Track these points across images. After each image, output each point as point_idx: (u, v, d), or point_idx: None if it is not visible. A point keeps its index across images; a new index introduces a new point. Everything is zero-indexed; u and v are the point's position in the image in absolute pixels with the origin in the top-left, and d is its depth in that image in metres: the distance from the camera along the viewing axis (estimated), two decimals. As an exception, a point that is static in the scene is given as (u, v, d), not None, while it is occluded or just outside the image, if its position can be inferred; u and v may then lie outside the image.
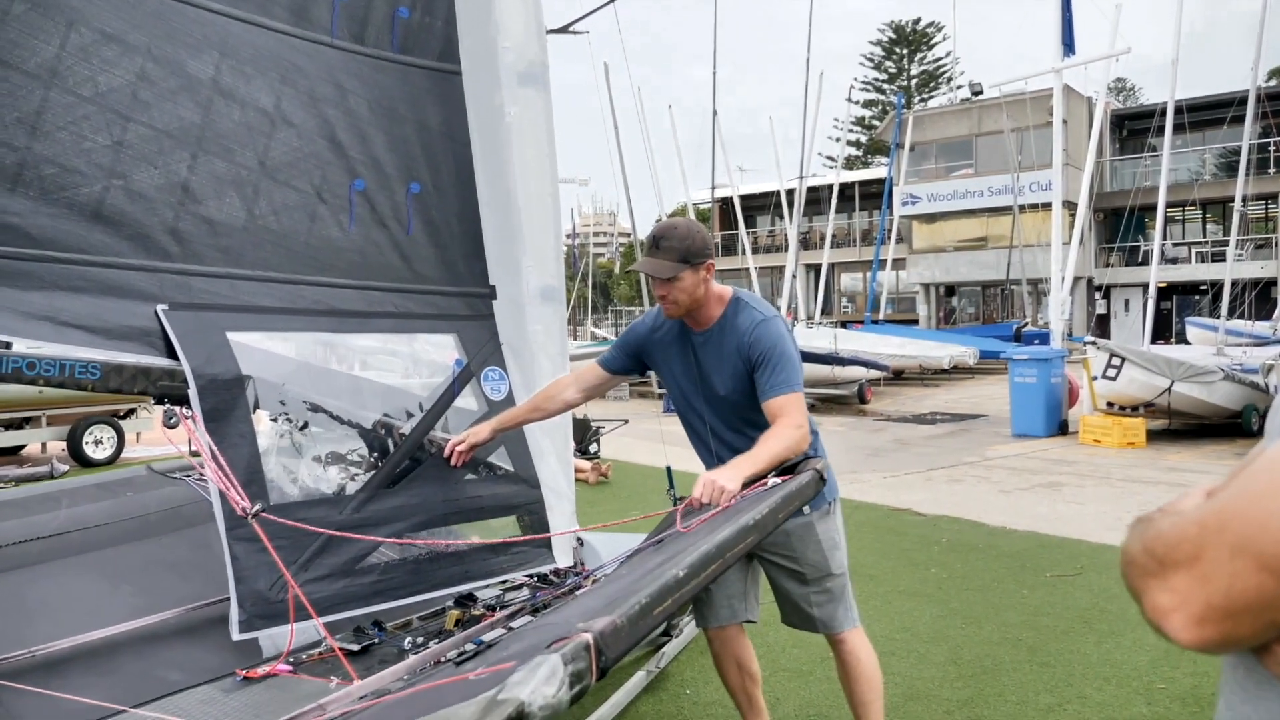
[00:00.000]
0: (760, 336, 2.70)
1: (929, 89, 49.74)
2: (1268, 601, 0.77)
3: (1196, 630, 0.81)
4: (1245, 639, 0.81)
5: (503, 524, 3.44)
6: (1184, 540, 0.83)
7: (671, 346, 2.91)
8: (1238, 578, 0.78)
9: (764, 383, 2.67)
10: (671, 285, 2.69)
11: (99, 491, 3.21)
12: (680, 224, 2.78)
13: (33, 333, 2.66)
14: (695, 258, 2.69)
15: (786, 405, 2.63)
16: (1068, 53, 12.24)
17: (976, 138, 30.24)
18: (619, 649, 1.28)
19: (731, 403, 2.78)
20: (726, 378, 2.76)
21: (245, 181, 3.08)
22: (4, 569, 2.67)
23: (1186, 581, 0.82)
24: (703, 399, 2.85)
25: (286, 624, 2.67)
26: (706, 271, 2.73)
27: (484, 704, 1.12)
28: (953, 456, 10.29)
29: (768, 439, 2.59)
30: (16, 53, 2.64)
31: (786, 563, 2.86)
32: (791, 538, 2.82)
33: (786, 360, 2.68)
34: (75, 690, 2.22)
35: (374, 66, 3.25)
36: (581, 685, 1.19)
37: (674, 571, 1.48)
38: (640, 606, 1.35)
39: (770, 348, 2.68)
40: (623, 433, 10.58)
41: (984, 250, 30.58)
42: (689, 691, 3.77)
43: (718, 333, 2.79)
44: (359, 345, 3.49)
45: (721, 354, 2.77)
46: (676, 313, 2.77)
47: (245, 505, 2.63)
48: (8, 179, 2.64)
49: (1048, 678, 3.81)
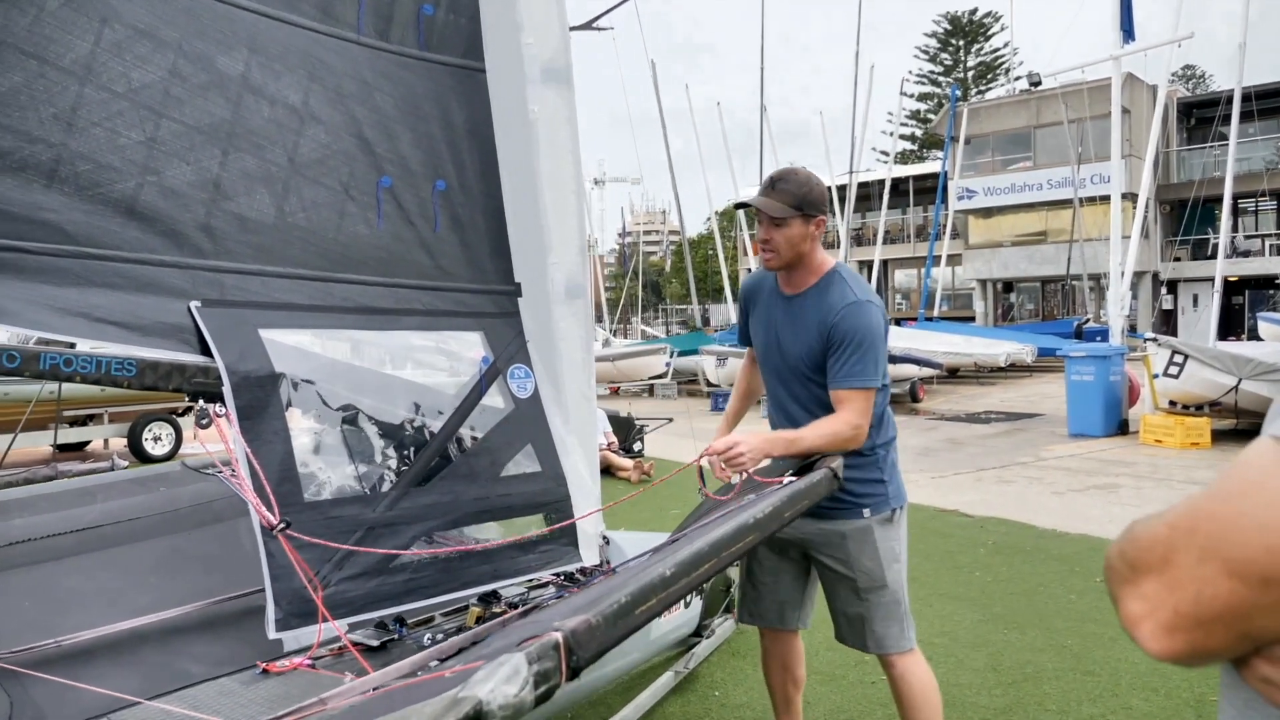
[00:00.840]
0: (847, 317, 2.53)
1: (986, 81, 48.79)
2: (1238, 610, 0.71)
3: (1166, 640, 0.76)
4: (1217, 651, 0.76)
5: (526, 523, 3.43)
6: (1155, 544, 0.78)
7: (763, 299, 2.79)
8: (1206, 584, 0.72)
9: (835, 369, 2.53)
10: (777, 230, 2.55)
11: (133, 486, 3.26)
12: (801, 170, 2.65)
13: (68, 329, 2.71)
14: (810, 208, 2.55)
15: (850, 400, 2.50)
16: (1127, 39, 11.87)
17: (1035, 129, 29.57)
18: (594, 648, 1.24)
19: (800, 375, 2.65)
20: (800, 348, 2.63)
21: (275, 178, 3.10)
22: (37, 561, 2.73)
23: (1156, 588, 0.77)
24: (775, 364, 2.74)
25: (325, 621, 2.69)
26: (816, 228, 2.58)
27: (445, 703, 1.09)
28: (1005, 457, 10.05)
29: (817, 424, 2.51)
30: (52, 49, 2.69)
31: (839, 567, 2.70)
32: (847, 540, 2.66)
33: (867, 351, 2.51)
34: (97, 680, 2.25)
35: (400, 64, 3.26)
36: (548, 685, 1.15)
37: (660, 570, 1.43)
38: (619, 605, 1.31)
39: (852, 332, 2.51)
40: (667, 431, 10.55)
41: (1043, 245, 29.89)
42: (717, 693, 3.72)
43: (805, 300, 2.64)
44: (388, 342, 3.50)
45: (803, 322, 2.62)
46: (775, 263, 2.62)
47: (270, 520, 2.64)
48: (43, 175, 2.68)
49: (1092, 686, 3.68)
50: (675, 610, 3.72)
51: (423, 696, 1.25)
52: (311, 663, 2.65)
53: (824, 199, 2.59)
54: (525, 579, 3.34)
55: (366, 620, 2.89)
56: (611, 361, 19.20)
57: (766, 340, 2.75)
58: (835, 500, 2.55)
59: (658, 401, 17.88)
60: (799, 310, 2.64)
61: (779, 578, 2.84)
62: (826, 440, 2.47)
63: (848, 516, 2.66)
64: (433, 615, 3.09)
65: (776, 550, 2.82)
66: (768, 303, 2.75)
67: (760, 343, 2.79)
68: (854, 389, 2.50)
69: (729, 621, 4.35)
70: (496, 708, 1.10)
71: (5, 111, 2.51)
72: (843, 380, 2.51)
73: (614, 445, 9.87)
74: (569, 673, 1.20)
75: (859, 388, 2.50)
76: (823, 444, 2.47)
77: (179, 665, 2.47)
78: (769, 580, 2.86)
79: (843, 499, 2.61)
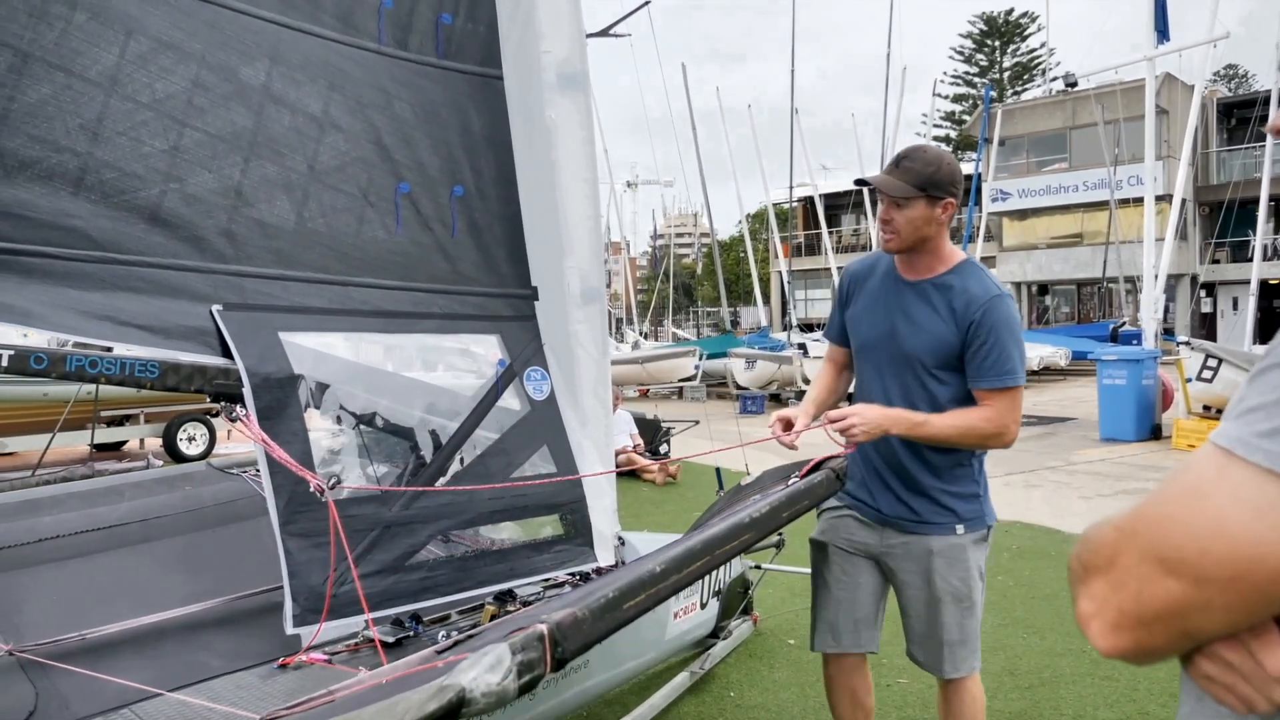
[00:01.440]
0: (994, 310, 2.33)
1: (1023, 81, 48.27)
2: (1176, 609, 0.74)
3: (1113, 637, 0.79)
4: (1161, 648, 0.79)
5: (541, 523, 3.48)
6: (1103, 546, 0.81)
7: (874, 285, 2.56)
8: (1146, 584, 0.76)
9: (981, 364, 2.33)
10: (898, 211, 2.35)
11: (160, 485, 3.36)
12: (931, 148, 2.45)
13: (95, 331, 2.79)
14: (936, 189, 2.34)
15: (999, 399, 2.32)
16: (1161, 40, 11.71)
17: (1070, 130, 29.20)
18: (580, 640, 1.28)
19: (915, 367, 2.42)
20: (925, 335, 2.40)
21: (295, 185, 3.17)
22: (65, 557, 2.81)
23: (1103, 587, 0.80)
24: (885, 354, 2.49)
25: (339, 618, 2.75)
26: (943, 211, 2.37)
27: (431, 690, 1.14)
28: (1034, 461, 9.96)
29: (954, 413, 2.32)
30: (79, 61, 2.77)
31: (925, 585, 2.50)
32: (935, 557, 2.47)
33: (1015, 347, 2.35)
34: (120, 672, 2.32)
35: (418, 72, 3.32)
36: (532, 675, 1.19)
37: (649, 566, 1.46)
38: (606, 600, 1.34)
39: (1001, 327, 2.33)
40: (694, 433, 10.57)
41: (1079, 247, 29.51)
42: (733, 694, 3.74)
43: (934, 288, 2.42)
44: (406, 345, 3.56)
45: (930, 309, 2.40)
46: (895, 245, 2.41)
47: (320, 483, 2.67)
48: (70, 183, 2.77)
49: (1109, 691, 3.66)
50: (692, 611, 3.75)
51: (415, 686, 1.29)
52: (328, 658, 2.71)
53: (954, 180, 2.38)
54: (540, 578, 3.39)
55: (383, 617, 2.95)
56: (641, 364, 19.25)
57: (877, 328, 2.51)
58: (927, 512, 2.45)
59: (686, 404, 17.89)
60: (927, 296, 2.42)
61: (856, 594, 2.63)
62: (960, 432, 2.29)
63: (940, 532, 2.47)
64: (449, 613, 3.15)
65: (851, 564, 2.64)
66: (882, 288, 2.52)
67: (868, 331, 2.55)
68: (1005, 387, 2.33)
69: (747, 623, 4.37)
70: (479, 695, 1.14)
71: (34, 122, 2.60)
72: (992, 377, 2.32)
73: (640, 447, 9.91)
74: (553, 663, 1.24)
75: (1011, 385, 2.33)
76: (954, 436, 2.30)
77: (199, 659, 2.54)
78: (846, 596, 2.63)
79: (935, 511, 2.46)
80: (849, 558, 2.62)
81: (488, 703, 1.14)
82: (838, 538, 2.63)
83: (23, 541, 2.82)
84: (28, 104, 2.58)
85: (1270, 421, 0.72)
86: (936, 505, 2.45)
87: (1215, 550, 0.71)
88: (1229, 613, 0.73)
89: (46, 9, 2.62)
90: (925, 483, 2.45)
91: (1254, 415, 0.73)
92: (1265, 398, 0.73)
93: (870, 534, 2.57)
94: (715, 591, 3.92)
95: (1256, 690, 0.76)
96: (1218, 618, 0.73)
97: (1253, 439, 0.72)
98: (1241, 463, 0.71)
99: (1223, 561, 0.70)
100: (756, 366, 17.61)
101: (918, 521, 2.47)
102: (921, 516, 2.46)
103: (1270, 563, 0.69)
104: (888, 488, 2.51)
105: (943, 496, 2.45)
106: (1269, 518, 0.69)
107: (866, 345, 2.55)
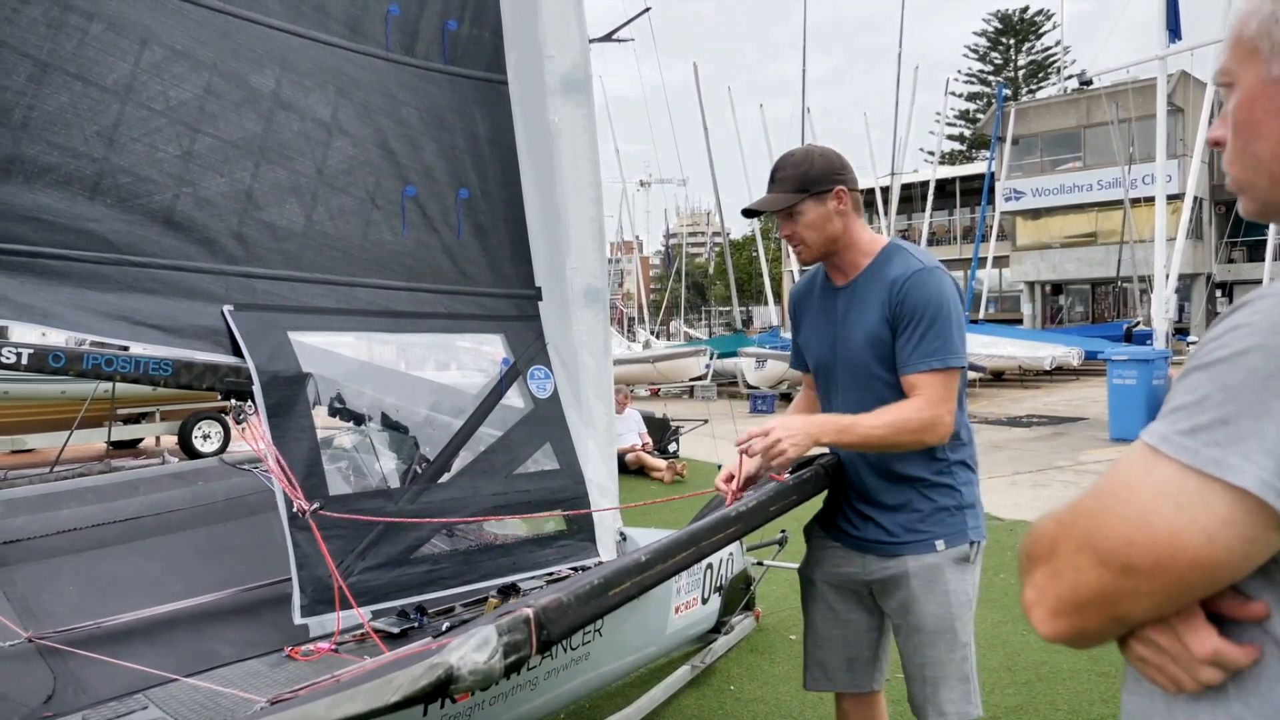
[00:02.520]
0: (914, 288, 2.09)
1: (1037, 80, 48.06)
2: (1106, 596, 0.80)
3: (1052, 623, 0.86)
4: (1096, 632, 0.85)
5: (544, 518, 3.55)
6: (1044, 537, 0.87)
7: (813, 299, 2.39)
8: (1081, 573, 0.82)
9: (906, 350, 2.09)
10: (794, 222, 2.21)
11: (173, 480, 3.45)
12: (798, 150, 2.28)
13: (111, 331, 2.88)
14: (816, 185, 2.18)
15: (925, 384, 2.05)
16: (1173, 39, 11.69)
17: (1085, 129, 29.08)
18: (564, 624, 1.35)
19: (861, 375, 2.20)
20: (860, 337, 2.19)
21: (304, 189, 3.26)
22: (82, 549, 2.91)
23: (1043, 577, 0.86)
24: (832, 371, 2.29)
25: (347, 609, 2.84)
26: (837, 201, 2.19)
27: (422, 668, 1.21)
28: (1043, 460, 9.97)
29: (880, 410, 2.08)
30: (95, 70, 2.86)
31: (902, 613, 2.24)
32: (913, 581, 2.18)
33: (942, 324, 2.07)
34: (135, 658, 2.42)
35: (424, 77, 3.40)
36: (518, 655, 1.26)
37: (635, 556, 1.53)
38: (591, 586, 1.41)
39: (923, 304, 2.08)
40: (702, 433, 10.62)
41: (1093, 246, 29.39)
42: (733, 688, 3.81)
43: (862, 284, 2.22)
44: (412, 344, 3.64)
45: (863, 307, 2.20)
46: (809, 256, 2.26)
47: (303, 505, 2.79)
48: (87, 188, 2.86)
49: (1104, 687, 3.70)
50: (694, 606, 3.82)
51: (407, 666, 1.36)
52: (334, 648, 2.79)
53: (833, 168, 2.21)
54: (543, 572, 3.46)
55: (389, 608, 3.04)
56: (651, 363, 19.31)
57: (823, 344, 2.31)
58: (901, 530, 2.20)
59: (697, 403, 17.94)
60: (860, 296, 2.22)
61: (846, 630, 2.37)
62: (892, 429, 2.05)
63: (915, 550, 2.19)
64: (453, 605, 3.23)
65: (840, 599, 2.38)
66: (821, 303, 2.34)
67: (816, 350, 2.34)
68: (931, 371, 2.05)
69: (748, 619, 4.44)
70: (467, 673, 1.21)
71: (52, 129, 2.69)
72: (916, 361, 2.07)
73: (648, 446, 9.98)
74: (539, 645, 1.31)
75: (937, 369, 2.05)
76: (886, 433, 2.05)
77: (210, 647, 2.63)
78: (836, 634, 2.38)
79: (910, 529, 2.20)
80: (836, 592, 2.37)
81: (474, 680, 1.21)
82: (822, 571, 2.39)
83: (42, 534, 2.92)
84: (47, 112, 2.67)
85: (1190, 420, 0.78)
86: (911, 521, 2.20)
87: (1140, 541, 0.77)
88: (1154, 598, 0.79)
89: (65, 20, 2.71)
90: (896, 497, 2.21)
91: (1177, 415, 0.80)
92: (1187, 398, 0.79)
93: (854, 564, 2.31)
94: (717, 587, 3.99)
95: (1184, 670, 0.82)
96: (1144, 603, 0.80)
97: (1175, 436, 0.78)
98: (1165, 459, 0.78)
99: (1146, 551, 0.77)
100: (767, 366, 17.64)
101: (893, 542, 2.21)
102: (896, 536, 2.21)
103: (1189, 552, 0.75)
104: (858, 510, 2.28)
105: (917, 511, 2.19)
106: (1188, 511, 0.75)
107: (819, 365, 2.35)
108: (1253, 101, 0.88)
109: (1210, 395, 0.76)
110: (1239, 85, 0.89)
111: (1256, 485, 0.72)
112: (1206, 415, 0.76)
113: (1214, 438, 0.75)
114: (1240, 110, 0.89)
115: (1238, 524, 0.73)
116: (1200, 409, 0.77)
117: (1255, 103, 0.88)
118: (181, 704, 2.32)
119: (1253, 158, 0.89)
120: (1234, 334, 0.77)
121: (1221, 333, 0.79)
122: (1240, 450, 0.73)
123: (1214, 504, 0.74)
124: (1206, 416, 0.76)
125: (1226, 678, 0.80)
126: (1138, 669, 0.87)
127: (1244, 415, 0.74)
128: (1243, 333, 0.76)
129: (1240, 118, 0.90)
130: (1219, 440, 0.74)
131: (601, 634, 3.05)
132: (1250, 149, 0.89)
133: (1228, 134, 0.92)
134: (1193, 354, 0.84)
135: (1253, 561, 0.76)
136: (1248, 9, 0.89)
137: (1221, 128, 0.93)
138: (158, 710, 2.29)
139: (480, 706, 2.53)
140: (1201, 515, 0.74)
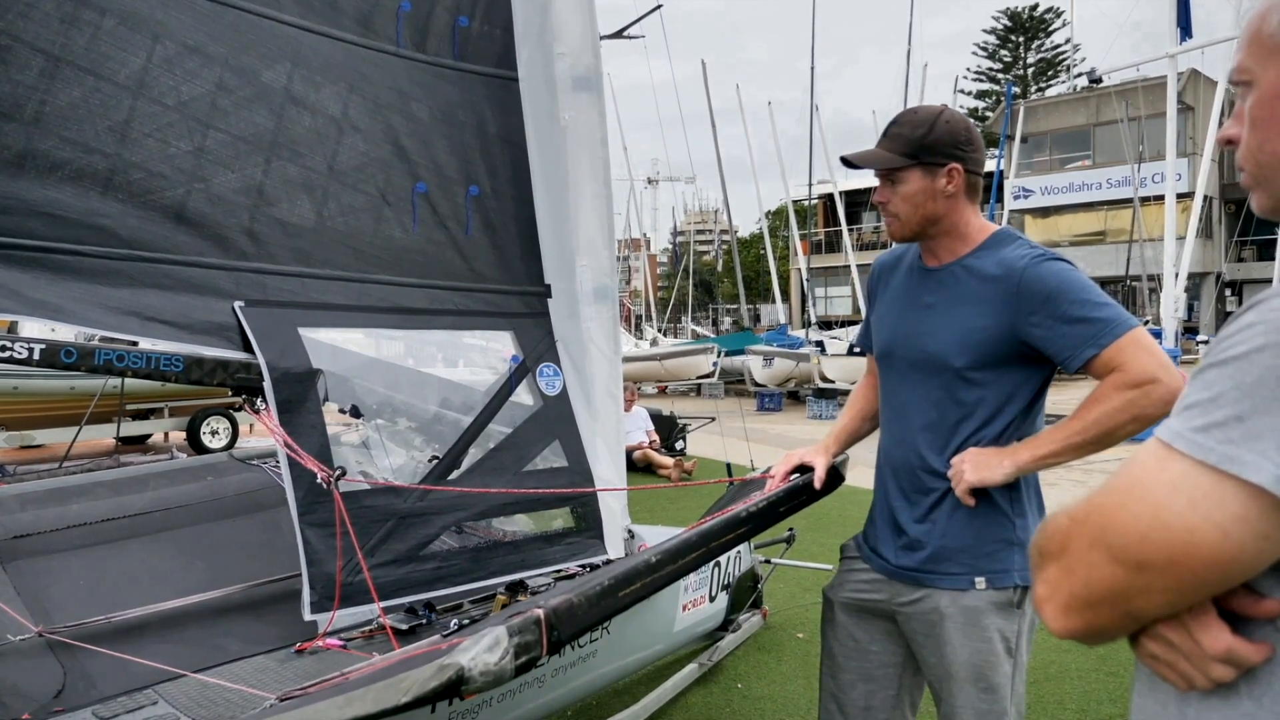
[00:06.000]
0: (1043, 274, 1.81)
1: (1047, 78, 47.88)
2: (1120, 592, 0.80)
3: (1064, 619, 0.85)
4: (1108, 629, 0.85)
5: (553, 515, 3.55)
6: (1057, 534, 0.87)
7: (897, 277, 2.10)
8: (1093, 569, 0.82)
9: (1066, 336, 1.77)
10: (892, 189, 1.94)
11: (184, 475, 3.46)
12: (925, 109, 1.97)
13: (122, 327, 2.89)
14: (929, 154, 1.89)
15: (1123, 353, 1.72)
16: (1184, 37, 11.63)
17: (1094, 127, 28.96)
18: (575, 625, 1.35)
19: (944, 368, 1.92)
20: (951, 329, 1.91)
21: (315, 185, 3.26)
22: (92, 544, 2.92)
23: (1056, 572, 0.86)
24: (905, 358, 2.01)
25: (355, 605, 2.84)
26: (948, 179, 1.90)
27: (433, 669, 1.21)
28: (1051, 459, 9.93)
29: (1081, 406, 1.78)
30: (108, 65, 2.87)
31: (939, 659, 1.94)
32: (948, 623, 1.90)
33: (1094, 295, 1.80)
34: (144, 653, 2.42)
35: (435, 74, 3.39)
36: (529, 656, 1.26)
37: (646, 556, 1.53)
38: (602, 587, 1.41)
39: (1063, 284, 1.80)
40: (710, 430, 10.61)
41: (1103, 245, 29.27)
42: (740, 686, 3.80)
43: (961, 270, 1.94)
44: (421, 341, 3.64)
45: (959, 297, 1.92)
46: (897, 231, 1.98)
47: (326, 475, 2.75)
48: (99, 183, 2.86)
49: (1113, 687, 3.69)
50: (701, 604, 3.81)
51: (418, 666, 1.36)
52: (344, 644, 2.79)
53: (956, 140, 1.91)
54: (551, 569, 3.46)
55: (398, 605, 3.04)
56: (659, 361, 19.31)
57: (896, 328, 2.04)
58: (937, 559, 1.92)
59: (704, 401, 17.93)
60: (952, 283, 1.94)
61: (865, 662, 2.11)
62: (1112, 422, 1.76)
63: (951, 584, 1.91)
64: (461, 602, 3.23)
65: (862, 626, 2.11)
66: (905, 282, 2.06)
67: (887, 333, 2.07)
68: (1120, 336, 1.73)
69: (756, 617, 4.43)
70: (478, 674, 1.21)
71: (64, 124, 2.69)
72: (1102, 335, 1.75)
73: (656, 443, 9.98)
74: (550, 646, 1.31)
75: (1125, 332, 1.74)
76: (1110, 425, 1.77)
77: (220, 642, 2.64)
78: (854, 665, 2.12)
79: (949, 559, 1.91)
80: (859, 618, 2.11)
81: (485, 681, 1.21)
82: (846, 593, 2.14)
83: (52, 528, 2.93)
84: (59, 107, 2.67)
85: (1205, 417, 0.77)
86: (949, 549, 1.91)
87: (1154, 537, 0.77)
88: (1167, 595, 0.79)
89: (78, 15, 2.71)
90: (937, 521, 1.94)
91: (1191, 411, 0.79)
92: (1201, 394, 0.79)
93: (881, 589, 2.05)
94: (724, 585, 3.99)
95: (1195, 668, 0.82)
96: (1157, 600, 0.80)
97: (1189, 433, 0.78)
98: (1179, 456, 0.77)
99: (1160, 547, 0.77)
100: (774, 364, 17.63)
101: (925, 572, 1.94)
102: (928, 566, 1.93)
103: (1203, 549, 0.75)
104: (893, 528, 2.02)
105: (959, 538, 1.91)
106: (1202, 507, 0.75)
107: (885, 350, 2.07)
108: (1273, 98, 0.87)
109: (1225, 393, 0.76)
110: (1258, 82, 0.89)
111: (1271, 482, 0.72)
112: (1221, 412, 0.76)
113: (1228, 435, 0.74)
114: (1258, 107, 0.89)
115: (1252, 520, 0.73)
116: (1215, 406, 0.76)
117: (1276, 100, 0.87)
118: (190, 700, 2.33)
119: (1270, 155, 0.89)
120: (1248, 332, 0.77)
121: (1236, 330, 0.79)
122: (1255, 447, 0.73)
123: (1228, 500, 0.74)
124: (1221, 413, 0.76)
125: (1238, 675, 0.80)
126: (1149, 666, 0.87)
127: (1258, 412, 0.74)
128: (1257, 330, 0.76)
129: (1258, 114, 0.89)
130: (1233, 437, 0.74)
131: (609, 631, 3.05)
132: (1268, 146, 0.89)
133: (1242, 131, 0.91)
134: (1207, 352, 0.83)
135: (1266, 558, 0.76)
136: (1267, 5, 0.88)
137: (1235, 126, 0.92)
138: (167, 706, 2.30)
139: (488, 704, 2.53)
140: (1215, 512, 0.74)
